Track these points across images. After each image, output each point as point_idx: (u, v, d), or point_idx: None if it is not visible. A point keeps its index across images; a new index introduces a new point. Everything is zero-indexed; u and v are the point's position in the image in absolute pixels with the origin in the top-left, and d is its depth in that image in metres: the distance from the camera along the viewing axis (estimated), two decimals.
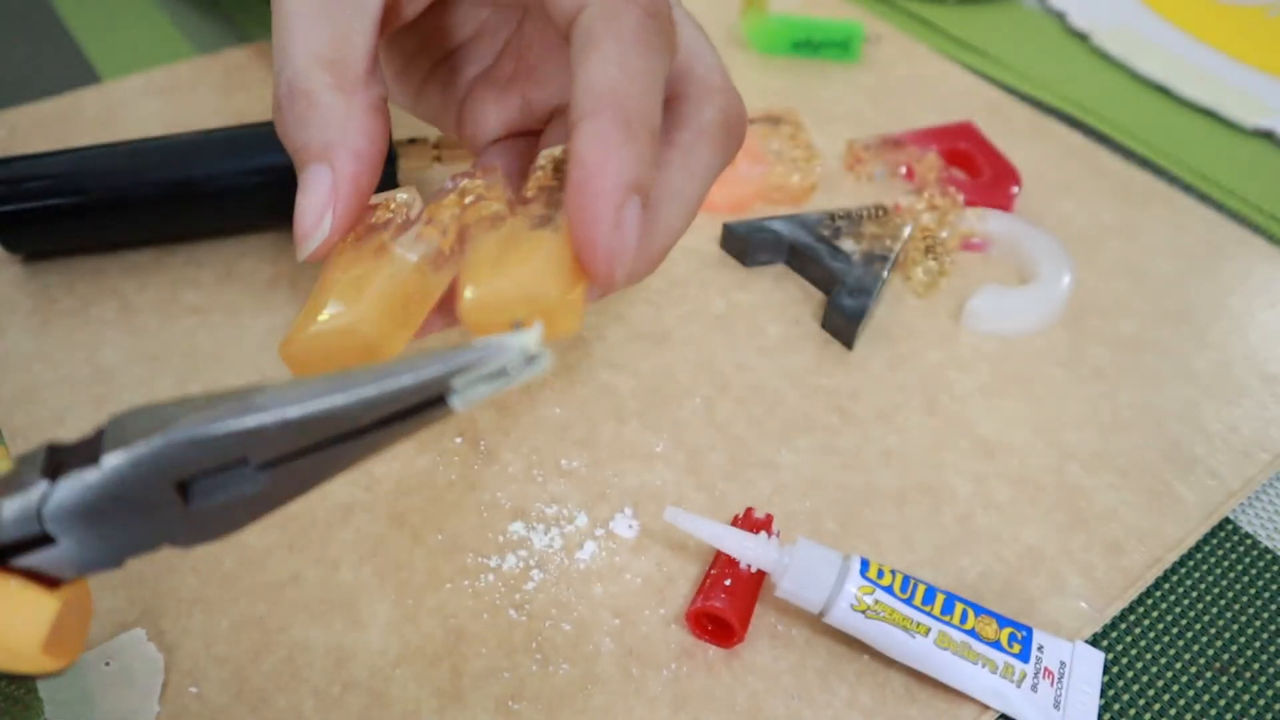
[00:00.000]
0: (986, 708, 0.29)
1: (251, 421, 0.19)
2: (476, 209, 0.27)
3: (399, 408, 0.19)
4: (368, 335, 0.24)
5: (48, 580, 0.20)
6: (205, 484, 0.20)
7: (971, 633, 0.29)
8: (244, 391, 0.19)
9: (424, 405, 0.19)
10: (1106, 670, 0.31)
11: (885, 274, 0.40)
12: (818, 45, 0.54)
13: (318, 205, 0.26)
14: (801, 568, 0.29)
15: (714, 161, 0.28)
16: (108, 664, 0.28)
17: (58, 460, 0.20)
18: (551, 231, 0.24)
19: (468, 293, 0.24)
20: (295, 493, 0.20)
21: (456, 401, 0.19)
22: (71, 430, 0.34)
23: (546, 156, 0.28)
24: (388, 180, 0.40)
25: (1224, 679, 0.31)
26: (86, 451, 0.19)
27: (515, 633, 0.30)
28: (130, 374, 0.36)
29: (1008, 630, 0.29)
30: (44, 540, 0.20)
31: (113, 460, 0.19)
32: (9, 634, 0.20)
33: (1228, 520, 0.35)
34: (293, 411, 0.19)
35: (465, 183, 0.28)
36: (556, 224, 0.25)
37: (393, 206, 0.28)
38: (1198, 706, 0.30)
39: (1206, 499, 0.35)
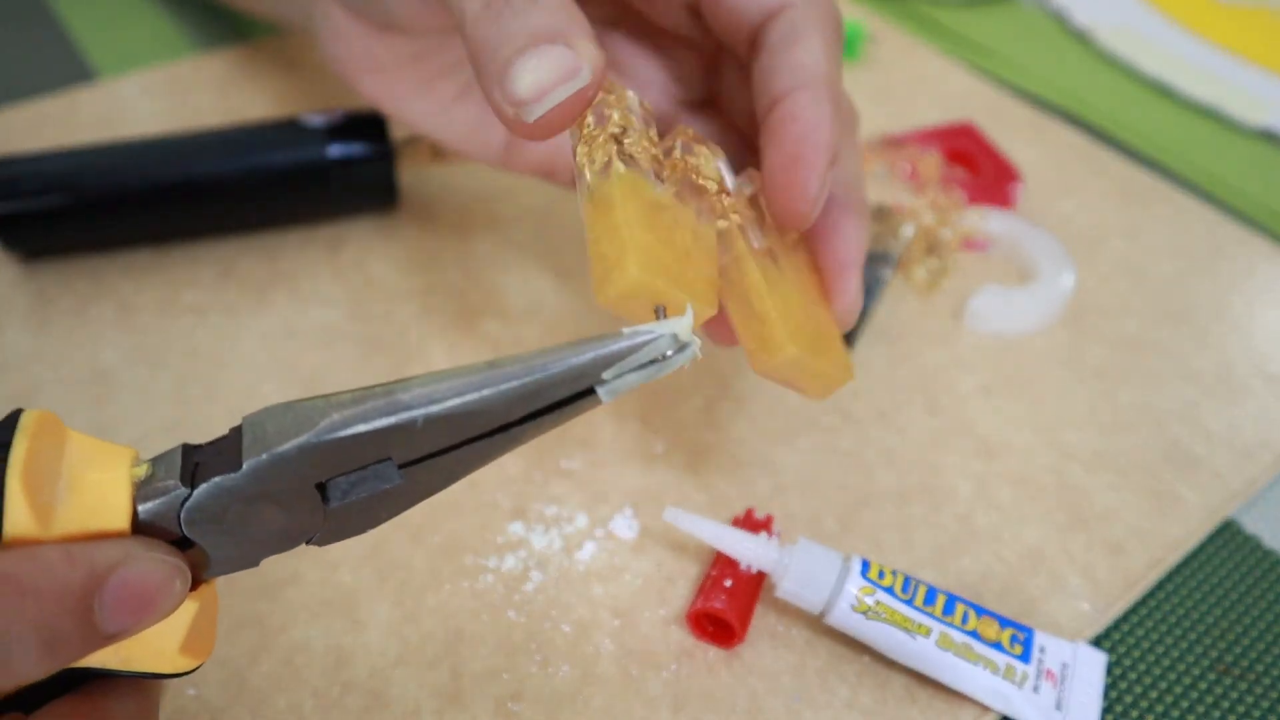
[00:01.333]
0: (987, 709, 0.29)
1: (398, 419, 0.18)
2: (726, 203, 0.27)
3: (547, 401, 0.19)
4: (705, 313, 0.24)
5: None
6: (345, 482, 0.19)
7: (973, 634, 0.28)
8: (388, 387, 0.19)
9: (572, 397, 0.19)
10: (1108, 671, 0.30)
11: (886, 273, 0.40)
12: None
13: (567, 61, 0.23)
14: (802, 568, 0.29)
15: (839, 54, 0.28)
16: None
17: (195, 463, 0.19)
18: (824, 310, 0.28)
19: (803, 357, 0.25)
20: (436, 488, 0.20)
21: (605, 393, 0.19)
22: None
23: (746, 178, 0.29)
24: (384, 180, 0.40)
25: (1227, 680, 0.31)
26: (225, 453, 0.19)
27: (515, 633, 0.30)
28: (129, 373, 0.36)
29: (1009, 631, 0.29)
30: (183, 543, 0.19)
31: (254, 463, 0.18)
32: (153, 636, 0.20)
33: (1230, 521, 0.35)
34: (438, 409, 0.18)
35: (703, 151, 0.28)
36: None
37: (626, 104, 0.27)
38: (1200, 708, 0.30)
39: (1208, 499, 0.35)
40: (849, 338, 0.38)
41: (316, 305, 0.39)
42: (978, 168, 0.46)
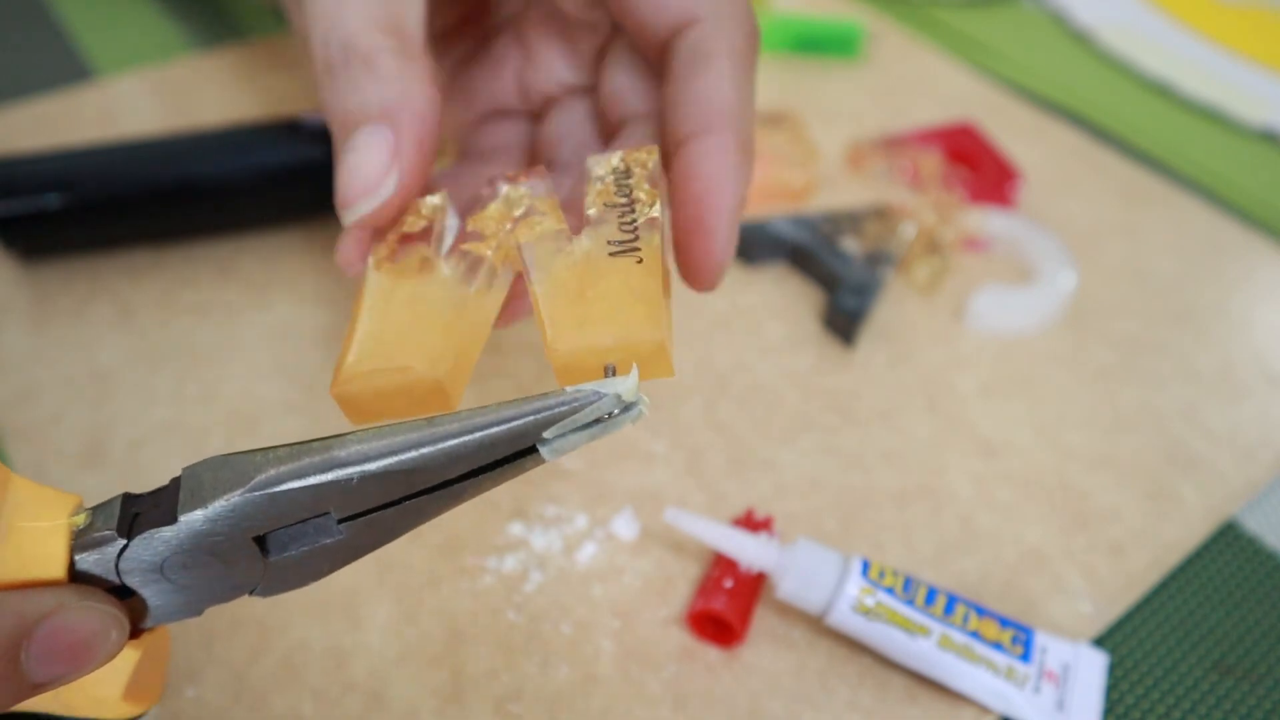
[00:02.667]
0: (988, 710, 0.29)
1: (332, 476, 0.18)
2: (530, 225, 0.24)
3: (487, 460, 0.19)
4: (437, 378, 0.22)
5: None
6: (284, 535, 0.19)
7: (973, 634, 0.28)
8: (325, 443, 0.19)
9: (513, 456, 0.19)
10: (1109, 672, 0.30)
11: (887, 273, 0.40)
12: (819, 44, 0.54)
13: (377, 163, 0.24)
14: (802, 569, 0.29)
15: (750, 78, 0.28)
16: None
17: (134, 513, 0.19)
18: (636, 263, 0.23)
19: (559, 343, 0.22)
20: (378, 542, 0.20)
21: (548, 452, 0.19)
22: (69, 430, 0.34)
23: (605, 167, 0.25)
24: None
25: (1228, 681, 0.31)
26: (163, 505, 0.19)
27: (515, 634, 0.30)
28: (128, 373, 0.36)
29: (1010, 632, 0.29)
30: (122, 591, 0.19)
31: (189, 517, 0.19)
32: (92, 684, 0.20)
33: (1231, 521, 0.35)
34: (375, 465, 0.18)
35: (509, 189, 0.26)
36: (641, 253, 0.23)
37: (424, 212, 0.26)
38: (1201, 709, 0.30)
39: (1209, 500, 0.35)
40: (849, 337, 0.38)
41: (316, 305, 0.39)
42: (978, 167, 0.46)
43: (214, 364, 0.36)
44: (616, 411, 0.19)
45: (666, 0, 0.26)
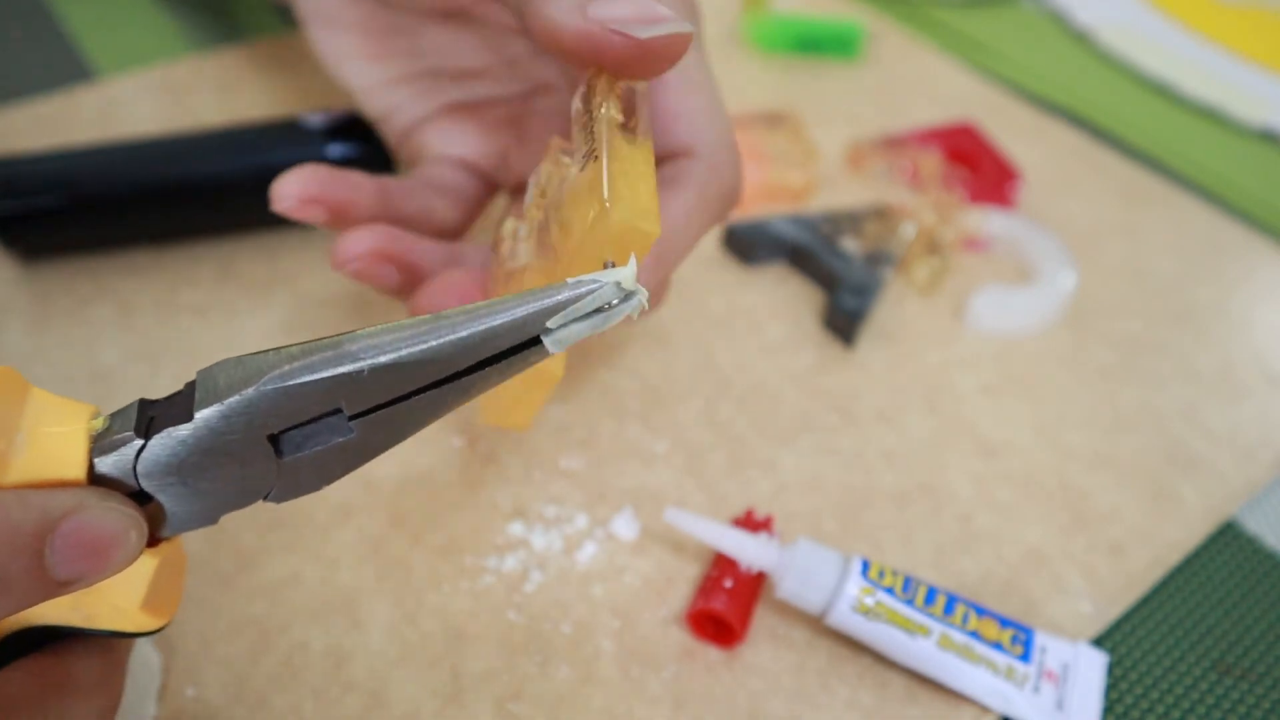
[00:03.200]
0: (988, 709, 0.29)
1: (344, 369, 0.19)
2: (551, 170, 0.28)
3: (493, 350, 0.19)
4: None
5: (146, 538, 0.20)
6: (298, 435, 0.20)
7: (973, 634, 0.28)
8: (336, 340, 0.19)
9: (518, 347, 0.19)
10: (1109, 672, 0.30)
11: (887, 273, 0.40)
12: (819, 44, 0.54)
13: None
14: (802, 569, 0.29)
15: (708, 222, 0.29)
16: None
17: (150, 416, 0.19)
18: (594, 162, 0.25)
19: (619, 213, 0.23)
20: (389, 442, 0.20)
21: (551, 342, 0.19)
22: None
23: (577, 98, 0.27)
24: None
25: (1227, 680, 0.31)
26: (178, 406, 0.19)
27: (515, 634, 0.30)
28: (128, 373, 0.36)
29: (1009, 631, 0.29)
30: (140, 497, 0.19)
31: (205, 414, 0.19)
32: (111, 592, 0.20)
33: (1231, 521, 0.35)
34: (386, 357, 0.19)
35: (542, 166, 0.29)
36: (597, 152, 0.25)
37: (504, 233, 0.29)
38: (1201, 709, 0.30)
39: (1209, 500, 0.35)
40: (849, 337, 0.38)
41: (316, 305, 0.39)
42: (978, 167, 0.46)
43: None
44: (617, 300, 0.19)
45: (676, 125, 0.28)
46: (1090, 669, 0.29)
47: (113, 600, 0.20)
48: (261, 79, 0.49)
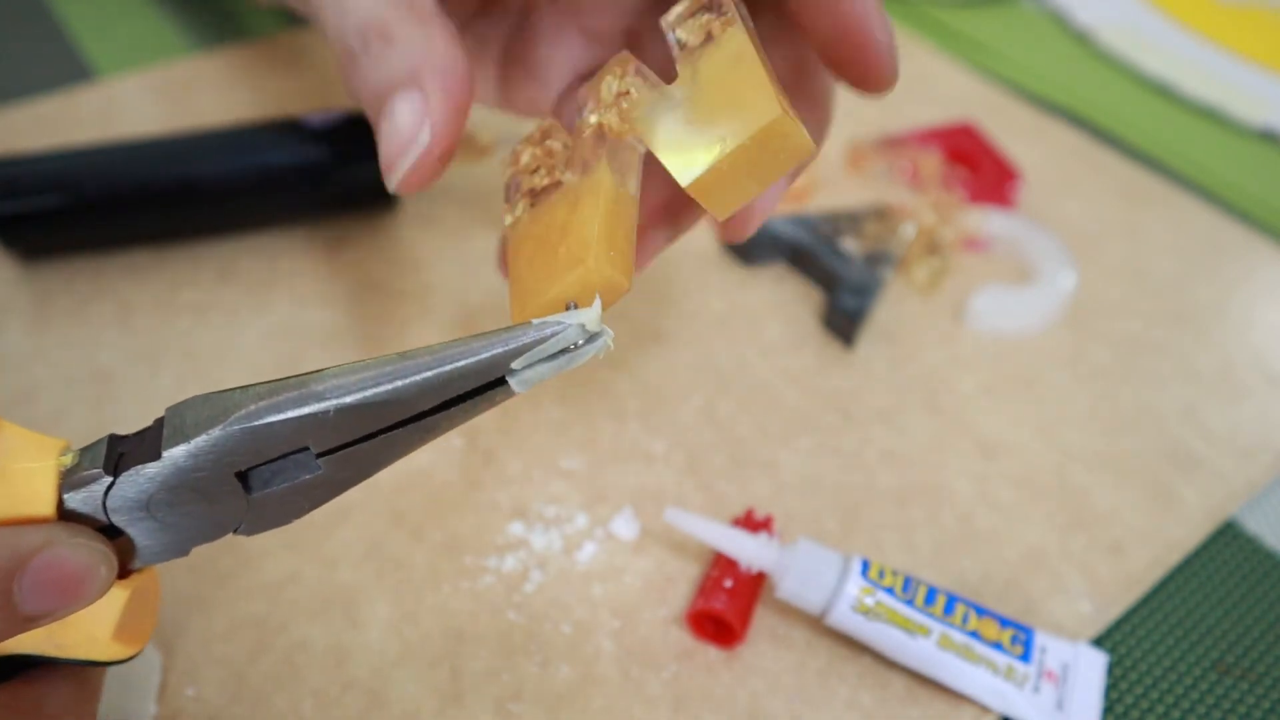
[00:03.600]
0: (988, 709, 0.29)
1: (310, 409, 0.19)
2: (631, 99, 0.25)
3: (458, 391, 0.19)
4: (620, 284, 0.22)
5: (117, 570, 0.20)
6: (266, 472, 0.20)
7: (973, 634, 0.28)
8: (303, 379, 0.19)
9: (484, 388, 0.19)
10: (1109, 671, 0.30)
11: (887, 273, 0.40)
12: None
13: (409, 122, 0.25)
14: (802, 569, 0.29)
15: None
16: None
17: (119, 452, 0.20)
18: (732, 59, 0.23)
19: (685, 178, 0.22)
20: (356, 478, 0.20)
21: (516, 383, 0.19)
22: (69, 430, 0.34)
23: (674, 14, 0.25)
24: (381, 181, 0.40)
25: (1227, 680, 0.31)
26: (148, 443, 0.20)
27: (515, 633, 0.30)
28: (128, 373, 0.36)
29: (1009, 631, 0.29)
30: (110, 531, 0.20)
31: (173, 453, 0.19)
32: (83, 623, 0.20)
33: (1231, 521, 0.35)
34: (351, 398, 0.19)
35: (606, 81, 0.26)
36: (729, 44, 0.23)
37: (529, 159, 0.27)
38: (1201, 708, 0.30)
39: (1209, 500, 0.35)
40: (849, 337, 0.38)
41: (316, 305, 0.39)
42: (978, 167, 0.46)
43: (214, 364, 0.36)
44: (582, 342, 0.20)
45: None
46: (1090, 669, 0.29)
47: (85, 630, 0.20)
48: (261, 79, 0.49)
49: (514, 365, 0.19)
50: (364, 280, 0.40)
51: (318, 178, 0.39)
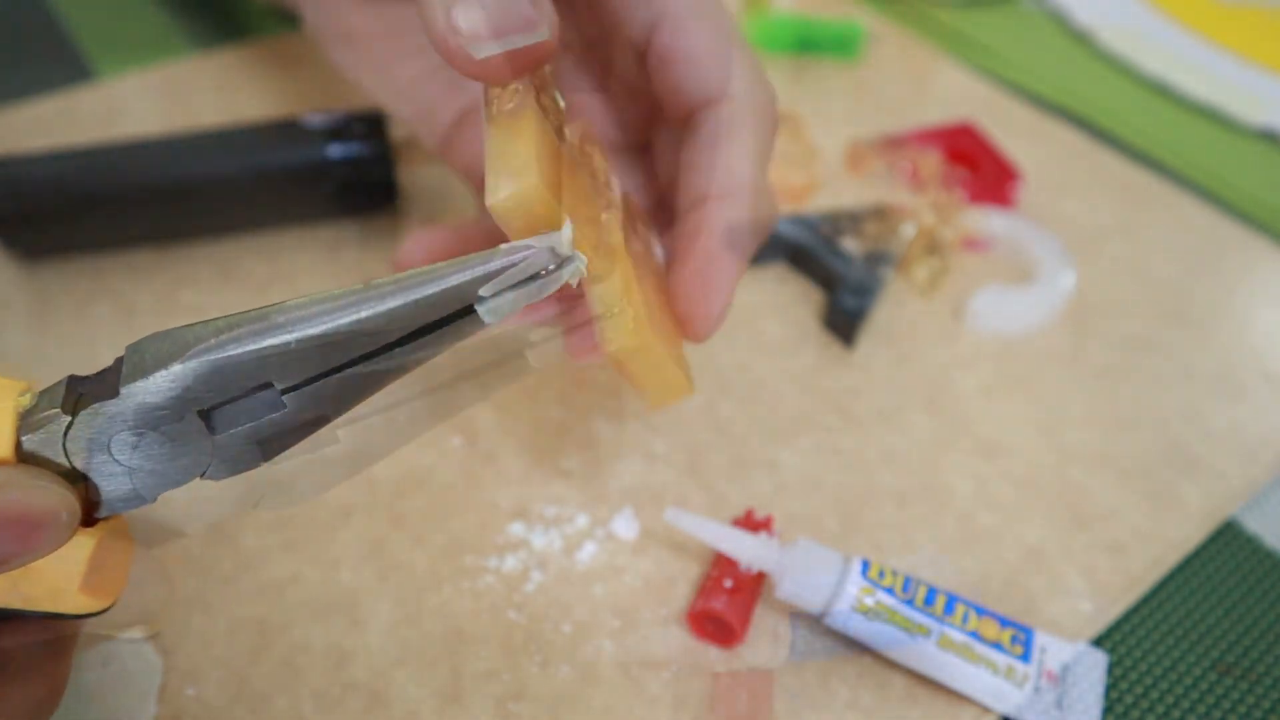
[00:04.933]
0: (988, 709, 0.29)
1: (271, 341, 0.18)
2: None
3: (425, 320, 0.19)
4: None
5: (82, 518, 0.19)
6: (230, 411, 0.19)
7: (973, 634, 0.28)
8: (263, 311, 0.19)
9: (451, 317, 0.19)
10: (1109, 671, 0.30)
11: (887, 273, 0.40)
12: (819, 44, 0.54)
13: (521, 9, 0.22)
14: (802, 569, 0.29)
15: (767, 160, 0.29)
16: (105, 665, 0.28)
17: (79, 393, 0.19)
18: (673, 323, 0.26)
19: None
20: (323, 417, 0.20)
21: (485, 312, 0.19)
22: None
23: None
24: (384, 180, 0.40)
25: (1227, 680, 0.31)
26: (107, 383, 0.19)
27: (515, 634, 0.30)
28: None
29: (1009, 631, 0.29)
30: (72, 476, 0.19)
31: (130, 389, 0.18)
32: (47, 572, 0.19)
33: (1231, 521, 0.35)
34: (314, 328, 0.18)
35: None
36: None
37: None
38: (1201, 708, 0.30)
39: (1209, 499, 0.35)
40: (849, 337, 0.38)
41: None
42: (978, 167, 0.46)
43: None
44: (553, 266, 0.19)
45: (704, 73, 0.27)
46: (1090, 669, 0.29)
47: (51, 580, 0.20)
48: (261, 79, 0.49)
49: (482, 293, 0.18)
50: (364, 280, 0.40)
51: (318, 178, 0.39)
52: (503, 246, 0.19)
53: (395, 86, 0.34)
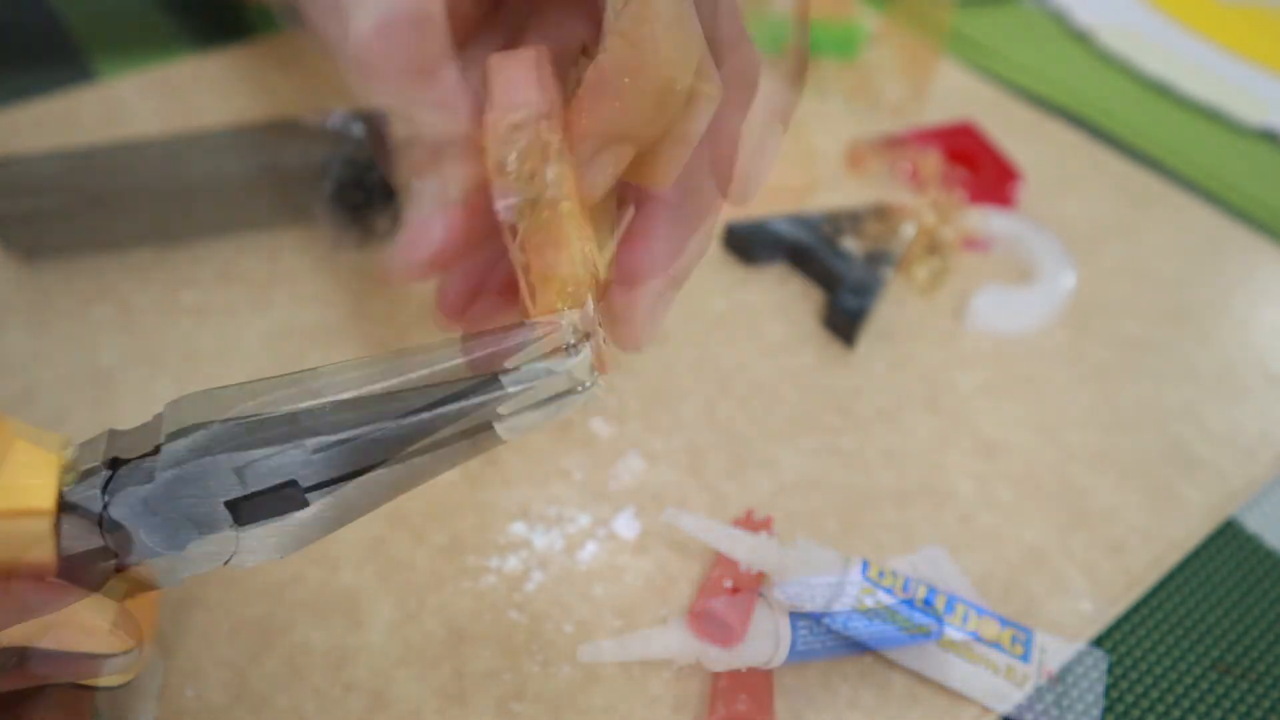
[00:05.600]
0: (988, 709, 0.29)
1: (305, 404, 0.19)
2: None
3: (443, 434, 0.20)
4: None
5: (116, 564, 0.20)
6: (254, 503, 0.20)
7: (973, 634, 0.28)
8: (298, 376, 0.20)
9: (470, 431, 0.20)
10: (1109, 671, 0.30)
11: (887, 273, 0.40)
12: (819, 44, 0.54)
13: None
14: (801, 569, 0.29)
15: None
16: None
17: (118, 446, 0.20)
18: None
19: None
20: (342, 518, 0.21)
21: (504, 430, 0.20)
22: (69, 430, 0.34)
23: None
24: (385, 182, 0.40)
25: (1228, 680, 0.31)
26: (145, 439, 0.20)
27: (516, 633, 0.30)
28: (129, 374, 0.36)
29: (1009, 631, 0.29)
30: (108, 524, 0.20)
31: (171, 448, 0.20)
32: (81, 614, 0.20)
33: (1231, 521, 0.35)
34: (348, 392, 0.20)
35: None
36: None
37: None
38: (1201, 708, 0.30)
39: (1210, 499, 0.35)
40: (849, 337, 0.39)
41: (316, 305, 0.39)
42: (978, 167, 0.46)
43: (214, 364, 0.36)
44: (572, 390, 0.20)
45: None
46: (1091, 669, 0.29)
47: (83, 623, 0.21)
48: (261, 79, 0.49)
49: (501, 411, 0.19)
50: (364, 280, 0.40)
51: (318, 178, 0.39)
52: (523, 366, 0.20)
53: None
